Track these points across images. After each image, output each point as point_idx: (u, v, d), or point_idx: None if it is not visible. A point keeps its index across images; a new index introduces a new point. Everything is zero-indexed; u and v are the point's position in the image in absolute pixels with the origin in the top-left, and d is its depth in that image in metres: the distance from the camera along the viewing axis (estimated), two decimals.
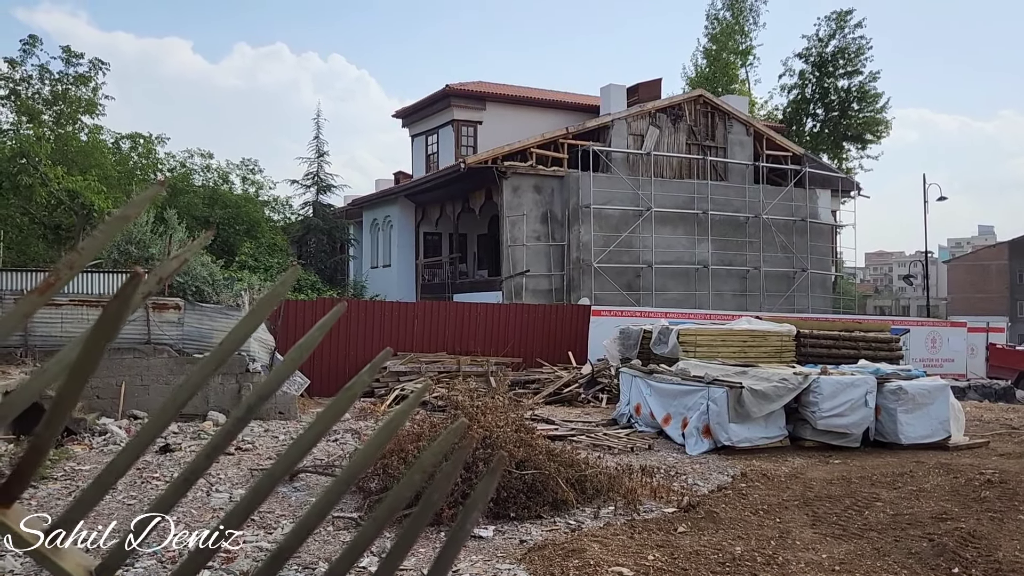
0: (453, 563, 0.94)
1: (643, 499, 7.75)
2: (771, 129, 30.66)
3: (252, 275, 21.92)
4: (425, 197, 28.62)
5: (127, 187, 29.47)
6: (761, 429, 10.76)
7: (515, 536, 6.63)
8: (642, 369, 13.10)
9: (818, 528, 6.79)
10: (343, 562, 0.94)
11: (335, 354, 16.49)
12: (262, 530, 6.67)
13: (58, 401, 0.73)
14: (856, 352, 15.55)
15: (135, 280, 0.69)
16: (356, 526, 6.79)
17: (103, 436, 10.77)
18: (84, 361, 0.71)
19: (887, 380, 11.26)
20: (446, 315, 18.48)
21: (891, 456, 10.35)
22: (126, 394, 12.29)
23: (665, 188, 25.65)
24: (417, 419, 8.53)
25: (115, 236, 0.86)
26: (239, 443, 10.40)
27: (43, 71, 28.11)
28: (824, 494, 7.93)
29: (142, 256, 14.93)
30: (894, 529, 6.65)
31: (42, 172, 24.56)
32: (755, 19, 47.42)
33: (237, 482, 8.40)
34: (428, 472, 0.94)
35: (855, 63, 44.95)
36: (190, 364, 12.61)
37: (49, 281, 0.77)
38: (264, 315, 0.96)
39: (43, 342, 12.37)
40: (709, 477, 9.14)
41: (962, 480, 8.25)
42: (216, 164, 38.96)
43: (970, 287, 67.37)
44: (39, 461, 0.82)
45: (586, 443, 10.80)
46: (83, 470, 8.86)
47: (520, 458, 7.24)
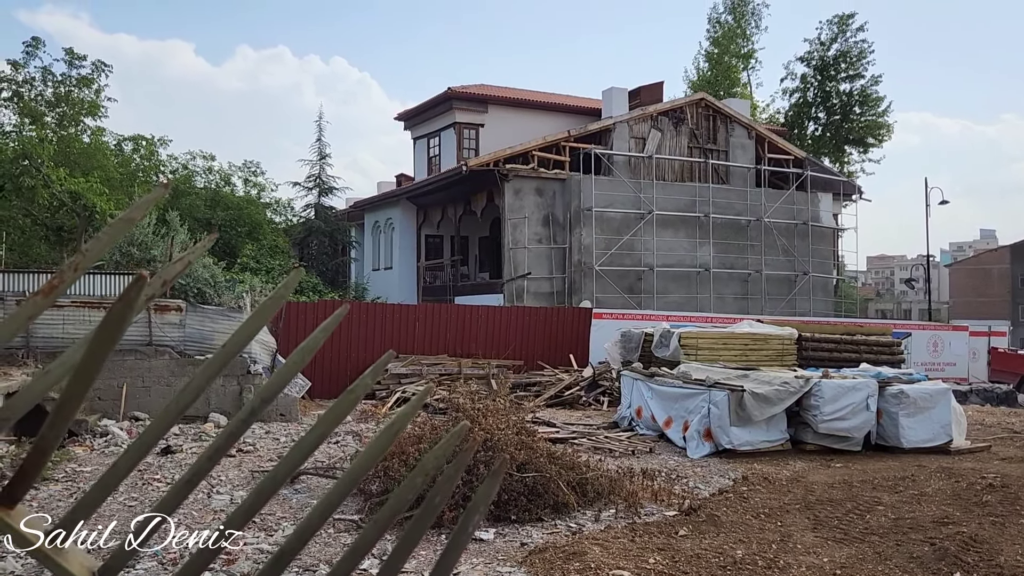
0: (454, 566, 0.94)
1: (644, 502, 7.74)
2: (773, 133, 30.67)
3: (254, 277, 21.94)
4: (427, 199, 28.63)
5: (129, 189, 29.51)
6: (762, 432, 10.75)
7: (516, 539, 6.62)
8: (643, 372, 13.09)
9: (819, 532, 6.78)
10: (344, 564, 0.94)
11: (336, 356, 16.49)
12: (263, 532, 6.67)
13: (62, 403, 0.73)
14: (857, 356, 15.53)
15: (139, 283, 0.69)
16: (357, 528, 6.79)
17: (104, 438, 10.78)
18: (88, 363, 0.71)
19: (889, 384, 11.25)
20: (447, 317, 18.48)
21: (893, 460, 10.33)
22: (127, 396, 12.30)
23: (667, 191, 25.66)
24: (418, 421, 8.53)
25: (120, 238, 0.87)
26: (240, 445, 10.40)
27: (46, 73, 28.16)
28: (825, 498, 7.92)
29: (144, 258, 14.94)
30: (896, 533, 6.64)
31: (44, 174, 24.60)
32: (757, 23, 47.49)
33: (238, 484, 8.40)
34: (430, 475, 0.94)
35: (857, 67, 44.96)
36: (192, 366, 12.62)
37: (53, 283, 0.78)
38: (267, 318, 0.96)
39: (45, 344, 12.38)
40: (710, 480, 9.13)
41: (964, 484, 8.24)
42: (218, 166, 38.99)
43: (972, 291, 67.30)
44: (42, 463, 0.83)
45: (587, 446, 10.79)
46: (84, 471, 8.86)
47: (521, 461, 7.23)
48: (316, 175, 33.89)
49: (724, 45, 47.14)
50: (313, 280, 28.24)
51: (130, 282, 0.68)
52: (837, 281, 31.72)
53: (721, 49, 47.20)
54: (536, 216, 24.39)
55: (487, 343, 18.38)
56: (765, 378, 11.17)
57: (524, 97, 30.24)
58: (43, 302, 0.78)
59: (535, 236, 24.32)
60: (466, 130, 28.38)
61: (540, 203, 24.55)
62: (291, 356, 0.96)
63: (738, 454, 10.47)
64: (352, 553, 0.92)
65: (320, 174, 33.90)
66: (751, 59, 48.03)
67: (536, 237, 24.34)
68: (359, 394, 0.94)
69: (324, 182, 34.04)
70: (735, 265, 26.57)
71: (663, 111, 26.89)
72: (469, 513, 0.92)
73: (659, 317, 19.56)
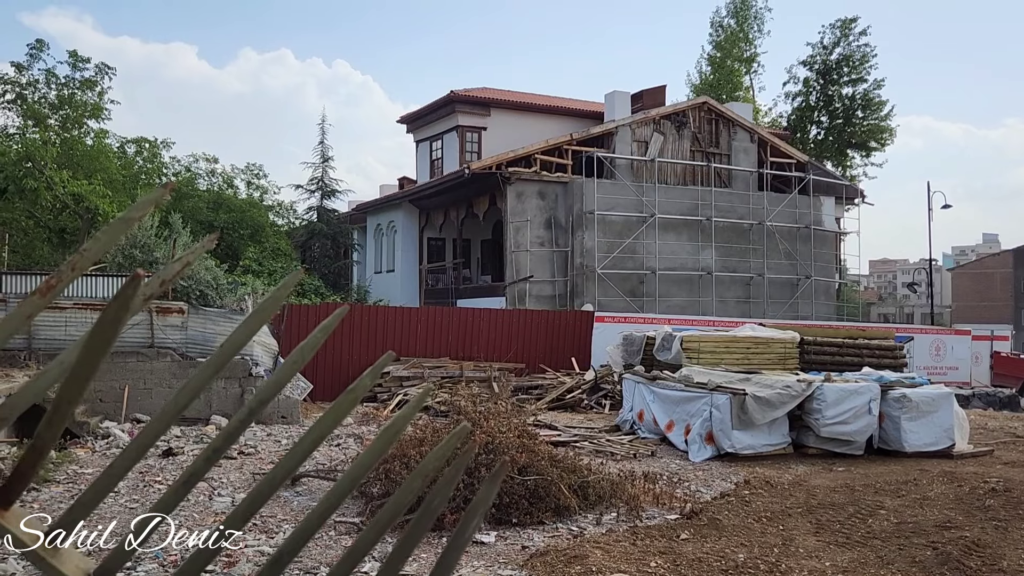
0: (455, 568, 0.93)
1: (646, 506, 7.72)
2: (775, 136, 30.66)
3: (256, 279, 21.96)
4: (429, 202, 28.65)
5: (132, 191, 29.58)
6: (764, 436, 10.73)
7: (517, 542, 6.61)
8: (645, 375, 13.08)
9: (821, 536, 6.77)
10: (344, 567, 0.93)
11: (338, 359, 16.50)
12: (263, 534, 6.66)
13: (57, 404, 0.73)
14: (860, 359, 15.50)
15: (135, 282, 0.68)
16: (357, 531, 6.78)
17: (106, 440, 10.78)
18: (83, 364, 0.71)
19: (891, 388, 11.23)
20: (449, 320, 18.49)
21: (895, 464, 10.31)
22: (129, 397, 12.30)
23: (669, 194, 25.65)
24: (419, 424, 8.52)
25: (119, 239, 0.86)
26: (241, 447, 10.40)
27: (49, 75, 28.23)
28: (827, 502, 7.90)
29: (146, 260, 14.96)
30: (898, 537, 6.62)
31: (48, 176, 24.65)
32: (760, 27, 47.45)
33: (239, 486, 8.40)
34: (430, 477, 0.93)
35: (859, 71, 44.91)
36: (193, 368, 12.62)
37: (51, 283, 0.77)
38: (265, 319, 0.96)
39: (47, 345, 12.39)
40: (712, 484, 9.12)
41: (966, 488, 8.21)
42: (221, 169, 39.14)
43: (974, 295, 67.20)
44: (38, 463, 0.82)
45: (589, 449, 10.78)
46: (85, 473, 8.86)
47: (522, 464, 7.22)
48: (318, 178, 33.94)
49: (727, 49, 47.13)
50: (315, 283, 28.27)
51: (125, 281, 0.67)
52: (839, 285, 31.69)
53: (724, 53, 47.18)
54: (538, 219, 24.40)
55: (489, 346, 18.38)
56: (767, 382, 11.15)
57: (526, 100, 30.26)
58: (40, 302, 0.78)
59: (537, 239, 24.31)
60: (468, 133, 28.39)
61: (542, 206, 24.55)
62: (290, 355, 0.95)
63: (740, 458, 10.46)
64: (350, 555, 0.92)
65: (322, 177, 33.95)
66: (753, 63, 48.02)
67: (538, 240, 24.34)
68: (358, 395, 0.93)
69: (326, 185, 34.09)
70: (737, 268, 26.55)
71: (665, 115, 26.89)
72: (468, 516, 0.91)
73: (661, 320, 19.56)
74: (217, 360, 0.91)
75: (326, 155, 34.11)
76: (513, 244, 24.04)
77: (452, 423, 8.66)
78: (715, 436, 10.63)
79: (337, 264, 32.86)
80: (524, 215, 24.14)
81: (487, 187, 24.50)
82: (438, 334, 18.14)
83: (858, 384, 11.19)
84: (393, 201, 30.56)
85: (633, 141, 26.02)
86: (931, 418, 11.02)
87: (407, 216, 29.83)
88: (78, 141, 28.68)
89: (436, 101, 29.37)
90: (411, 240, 29.91)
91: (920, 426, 10.95)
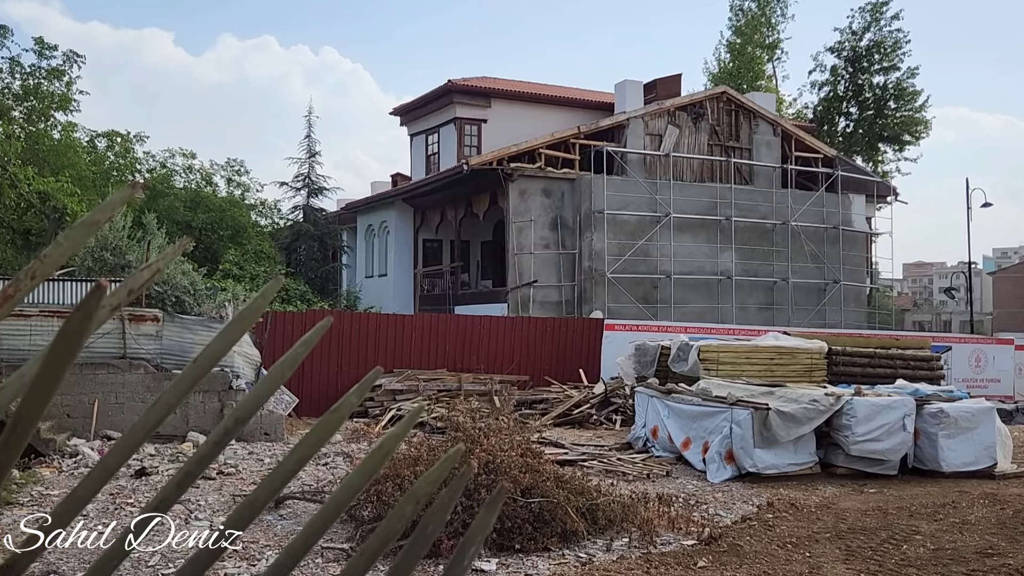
0: None
1: (660, 530, 7.71)
2: (800, 129, 30.68)
3: (237, 284, 22.01)
4: (425, 201, 28.69)
5: (103, 189, 29.64)
6: (789, 454, 10.71)
7: (520, 570, 6.60)
8: (659, 388, 13.07)
9: (852, 563, 6.75)
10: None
11: (326, 371, 16.52)
12: (244, 561, 6.65)
13: (16, 421, 0.72)
14: (893, 371, 15.47)
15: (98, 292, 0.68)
16: (346, 558, 6.77)
17: (74, 458, 10.79)
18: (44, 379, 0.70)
19: (927, 402, 11.21)
20: (447, 329, 18.50)
21: (931, 485, 10.29)
22: (99, 412, 12.31)
23: (685, 192, 25.66)
24: (414, 441, 8.52)
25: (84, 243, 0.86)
26: (221, 467, 10.40)
27: (14, 64, 28.36)
28: (858, 526, 7.88)
29: (118, 264, 14.99)
30: (935, 565, 6.60)
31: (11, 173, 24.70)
32: (783, 10, 47.49)
33: (218, 509, 8.40)
34: (422, 502, 0.93)
35: (891, 58, 44.91)
36: (168, 380, 12.61)
37: (7, 292, 0.77)
38: (244, 329, 0.95)
39: (10, 356, 12.39)
40: (732, 507, 9.11)
41: (1009, 512, 8.19)
42: (199, 164, 39.25)
43: (1018, 301, 67.09)
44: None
45: (598, 469, 10.77)
46: (52, 495, 8.86)
47: (526, 484, 7.22)
48: (305, 174, 34.03)
49: (747, 35, 47.19)
50: (301, 288, 28.31)
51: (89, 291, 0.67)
52: (871, 290, 31.66)
53: (744, 39, 47.24)
54: (543, 219, 24.41)
55: (490, 357, 18.38)
56: (792, 395, 11.14)
57: (530, 90, 30.31)
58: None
59: (542, 241, 24.33)
60: (467, 126, 28.44)
61: (547, 205, 24.57)
62: (270, 371, 0.95)
63: (763, 478, 10.44)
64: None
65: (309, 173, 34.05)
66: (776, 50, 48.07)
67: (543, 242, 24.35)
68: (344, 414, 0.93)
69: (313, 182, 34.18)
70: (759, 272, 26.54)
71: (681, 106, 26.92)
72: (465, 544, 0.91)
73: (677, 329, 19.54)
74: (193, 373, 0.91)
75: (313, 150, 34.23)
76: (516, 246, 24.05)
77: (449, 440, 8.66)
78: (736, 455, 10.62)
79: (325, 268, 32.91)
80: (527, 215, 24.16)
81: (487, 184, 24.53)
82: (434, 344, 18.15)
83: (891, 398, 11.18)
84: (386, 200, 30.61)
85: (646, 134, 26.04)
86: (971, 435, 11.00)
87: (401, 216, 29.86)
88: (44, 135, 28.77)
89: (432, 91, 29.42)
90: (405, 242, 29.94)
91: (959, 444, 10.93)
